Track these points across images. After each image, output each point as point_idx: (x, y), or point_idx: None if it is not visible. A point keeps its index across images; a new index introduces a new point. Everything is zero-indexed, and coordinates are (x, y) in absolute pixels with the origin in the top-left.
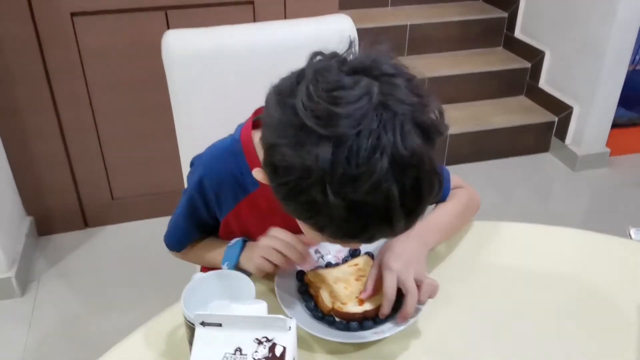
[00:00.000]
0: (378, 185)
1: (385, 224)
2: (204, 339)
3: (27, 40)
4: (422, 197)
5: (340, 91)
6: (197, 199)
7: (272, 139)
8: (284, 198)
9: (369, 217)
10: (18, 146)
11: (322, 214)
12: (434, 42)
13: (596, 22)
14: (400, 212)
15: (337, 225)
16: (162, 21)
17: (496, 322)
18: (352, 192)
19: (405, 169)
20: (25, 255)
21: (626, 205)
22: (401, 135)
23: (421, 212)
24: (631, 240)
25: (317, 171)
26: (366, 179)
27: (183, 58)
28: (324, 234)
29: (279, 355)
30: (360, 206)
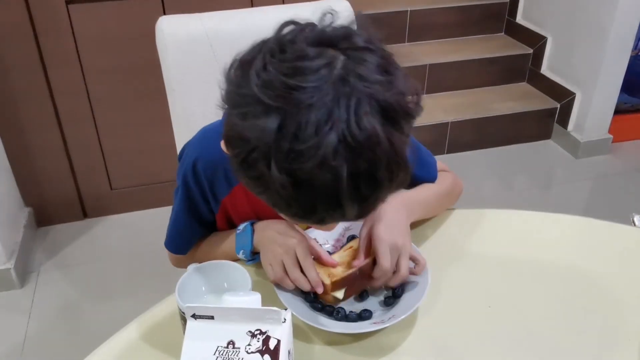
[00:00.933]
0: (324, 163)
1: (335, 207)
2: (195, 332)
3: (22, 29)
4: (378, 184)
5: (300, 62)
6: (192, 184)
7: (226, 109)
8: (236, 170)
9: (317, 198)
10: (15, 136)
11: (270, 190)
12: (434, 28)
13: (599, 7)
14: (352, 196)
15: (286, 204)
16: (159, 8)
17: (495, 311)
18: (297, 168)
19: (357, 150)
20: (24, 246)
21: (629, 192)
22: (356, 113)
23: (379, 200)
24: (635, 227)
25: (262, 144)
26: (311, 154)
27: (177, 44)
28: (277, 211)
29: (273, 348)
30: (306, 184)
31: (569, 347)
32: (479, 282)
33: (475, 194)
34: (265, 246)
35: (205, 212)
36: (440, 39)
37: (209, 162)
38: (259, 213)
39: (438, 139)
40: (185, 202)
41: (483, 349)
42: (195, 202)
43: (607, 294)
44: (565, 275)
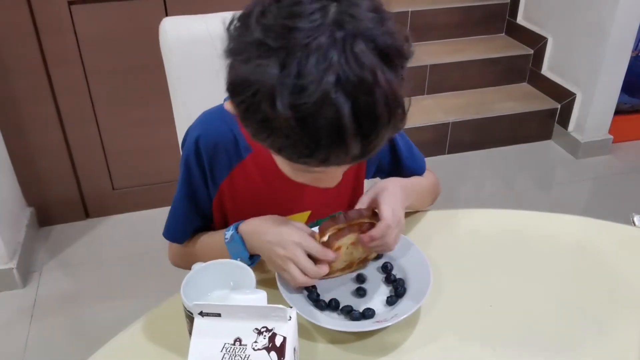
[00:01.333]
0: (326, 97)
1: (339, 143)
2: (202, 330)
3: (24, 29)
4: (378, 120)
5: (296, 7)
6: (193, 163)
7: (229, 57)
8: (243, 118)
9: (321, 133)
10: (17, 136)
11: (276, 132)
12: (435, 29)
13: (599, 8)
14: (354, 132)
15: (292, 144)
16: (161, 8)
17: (496, 310)
18: (300, 103)
19: (354, 86)
20: (26, 246)
21: (629, 192)
22: (352, 52)
23: (379, 139)
24: (635, 227)
25: (266, 84)
26: (313, 89)
27: (180, 45)
28: (282, 156)
29: (279, 346)
30: (311, 120)
31: (569, 346)
32: (480, 282)
33: (476, 194)
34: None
35: (205, 198)
36: (441, 40)
37: (211, 140)
38: (257, 197)
39: (439, 139)
40: (185, 187)
41: (484, 348)
42: (195, 186)
43: (607, 294)
44: (565, 275)
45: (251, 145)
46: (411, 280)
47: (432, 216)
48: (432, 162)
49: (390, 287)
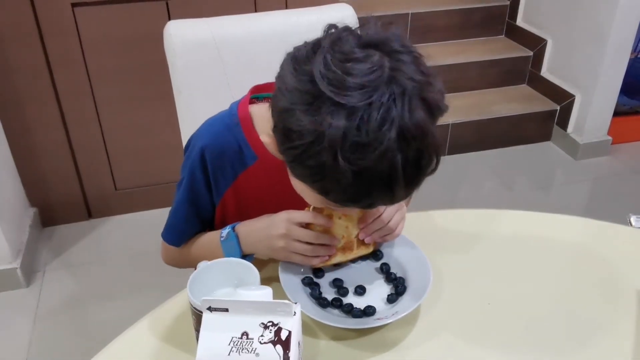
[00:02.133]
0: (385, 154)
1: (387, 191)
2: (211, 324)
3: (27, 31)
4: (422, 168)
5: (353, 63)
6: (198, 171)
7: (286, 104)
8: (293, 161)
9: (373, 184)
10: (20, 137)
11: (328, 178)
12: (435, 31)
13: (599, 10)
14: (402, 180)
15: (342, 190)
16: (163, 11)
17: (495, 309)
18: (360, 159)
19: (410, 141)
20: (29, 246)
21: (627, 193)
22: (409, 109)
23: (419, 183)
24: (631, 228)
25: (329, 137)
26: (375, 147)
27: (185, 48)
28: (328, 198)
29: (284, 339)
30: (366, 173)
31: (567, 345)
32: (479, 281)
33: (475, 194)
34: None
35: (207, 204)
36: (441, 41)
37: (217, 151)
38: (260, 204)
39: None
40: (188, 193)
41: (483, 345)
42: (198, 193)
43: (605, 294)
44: (563, 275)
45: (257, 153)
46: (411, 278)
47: (432, 216)
48: None
49: (390, 285)
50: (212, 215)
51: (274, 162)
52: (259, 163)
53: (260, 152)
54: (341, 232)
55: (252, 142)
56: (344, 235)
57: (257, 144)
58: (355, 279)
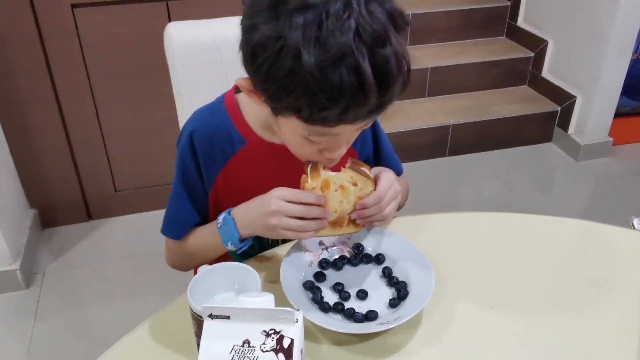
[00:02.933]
0: (348, 47)
1: (358, 92)
2: (212, 332)
3: (27, 32)
4: (391, 72)
5: None
6: (187, 158)
7: (249, 22)
8: (264, 80)
9: (343, 82)
10: (20, 138)
11: (298, 85)
12: (436, 32)
13: (600, 11)
14: (371, 82)
15: (313, 96)
16: (164, 12)
17: (498, 312)
18: (323, 53)
19: (372, 39)
20: (29, 248)
21: (629, 195)
22: (367, 9)
23: (391, 91)
24: (634, 231)
25: (291, 38)
26: (336, 40)
27: (185, 49)
28: (301, 116)
29: (287, 347)
30: (333, 69)
31: (570, 348)
32: (482, 284)
33: (476, 196)
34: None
35: (200, 192)
36: (442, 42)
37: (204, 135)
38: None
39: (440, 142)
40: (181, 183)
41: (486, 349)
42: (191, 181)
43: (608, 296)
44: (565, 277)
45: (245, 137)
46: (413, 283)
47: (433, 219)
48: (433, 165)
49: (392, 289)
50: (207, 203)
51: (263, 145)
52: (247, 147)
53: (248, 136)
54: (335, 206)
55: (239, 126)
56: (337, 210)
57: (244, 128)
58: (357, 283)
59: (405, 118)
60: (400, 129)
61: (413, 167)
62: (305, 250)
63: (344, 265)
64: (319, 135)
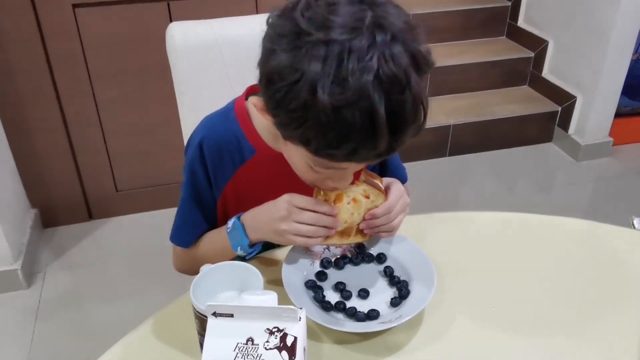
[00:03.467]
0: (364, 90)
1: (370, 136)
2: (216, 330)
3: (29, 32)
4: (405, 117)
5: (337, 6)
6: (197, 165)
7: (270, 46)
8: (276, 107)
9: (355, 124)
10: (21, 138)
11: (309, 119)
12: (436, 32)
13: (600, 11)
14: (384, 127)
15: (323, 133)
16: (165, 12)
17: (499, 312)
18: (339, 93)
19: (391, 84)
20: (30, 247)
21: (629, 195)
22: (391, 52)
23: (404, 137)
24: (634, 230)
25: (309, 72)
26: (354, 82)
27: (187, 49)
28: (310, 149)
29: (290, 345)
30: (347, 110)
31: (571, 348)
32: (483, 284)
33: (477, 196)
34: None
35: (209, 200)
36: (442, 42)
37: (214, 143)
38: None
39: (440, 142)
40: (190, 191)
41: (487, 348)
42: (200, 189)
43: (608, 296)
44: (566, 277)
45: (255, 146)
46: (415, 282)
47: (434, 219)
48: (434, 164)
49: (394, 289)
50: (216, 212)
51: (272, 155)
52: (257, 156)
53: (258, 145)
54: (345, 217)
55: (249, 134)
56: (347, 221)
57: (254, 137)
58: (359, 282)
59: None
60: None
61: (413, 167)
62: (307, 250)
63: (346, 265)
64: (325, 167)
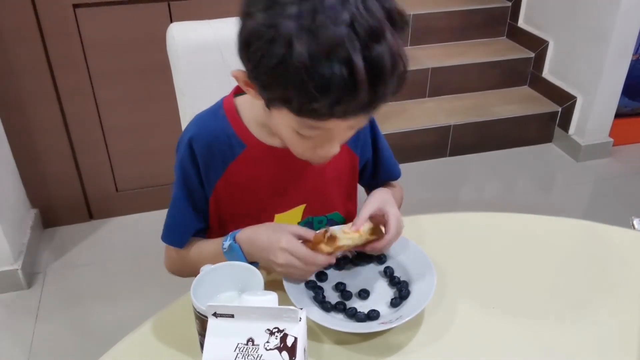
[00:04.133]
0: (340, 40)
1: (348, 86)
2: (216, 330)
3: (29, 32)
4: (384, 68)
5: None
6: (188, 164)
7: (246, 10)
8: (256, 68)
9: (332, 75)
10: (22, 138)
11: (288, 75)
12: (437, 32)
13: (600, 12)
14: (363, 76)
15: (304, 88)
16: (165, 13)
17: (499, 312)
18: (315, 44)
19: (367, 35)
20: (30, 248)
21: (629, 195)
22: (365, 5)
23: (384, 88)
24: (634, 231)
25: (284, 27)
26: (329, 33)
27: (187, 50)
28: (292, 108)
29: (290, 346)
30: (325, 61)
31: (571, 347)
32: (483, 284)
33: (477, 196)
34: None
35: (201, 198)
36: (442, 43)
37: (204, 140)
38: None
39: (440, 142)
40: (182, 189)
41: (487, 349)
42: (191, 187)
43: (608, 296)
44: (566, 277)
45: (245, 141)
46: (415, 282)
47: (434, 219)
48: (434, 165)
49: (394, 289)
50: (208, 209)
51: (262, 149)
52: (247, 151)
53: (247, 140)
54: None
55: (238, 130)
56: (347, 246)
57: (244, 132)
58: (359, 283)
59: (406, 118)
60: (401, 129)
61: (414, 167)
62: None
63: (346, 265)
64: (310, 128)
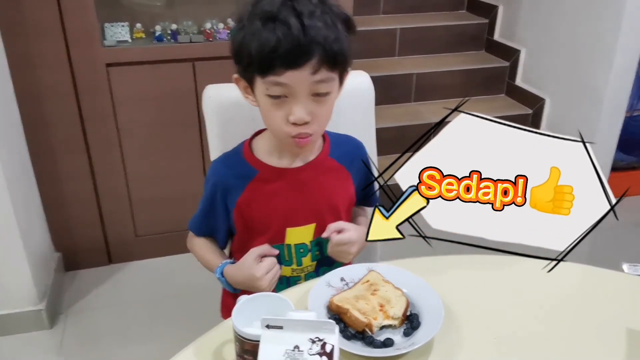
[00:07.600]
0: (275, 6)
1: (285, 36)
2: (269, 339)
3: (64, 88)
4: (314, 14)
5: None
6: (215, 200)
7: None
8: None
9: (274, 30)
10: (51, 185)
11: (255, 37)
12: (439, 89)
13: (594, 70)
14: (295, 21)
15: (257, 38)
16: (190, 71)
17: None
18: (259, 12)
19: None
20: (54, 289)
21: (623, 246)
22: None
23: (317, 32)
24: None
25: (244, 16)
26: (263, 7)
27: (220, 107)
28: (258, 72)
29: (329, 352)
30: (266, 18)
31: None
32: (485, 318)
33: None
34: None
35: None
36: (445, 99)
37: (222, 185)
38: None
39: None
40: (206, 205)
41: None
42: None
43: (602, 335)
44: (562, 316)
45: (257, 167)
46: (425, 315)
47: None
48: None
49: (407, 321)
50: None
51: (273, 170)
52: (260, 174)
53: (259, 166)
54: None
55: (251, 160)
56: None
57: (256, 162)
58: None
59: None
60: None
61: None
62: (329, 286)
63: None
64: (273, 85)
